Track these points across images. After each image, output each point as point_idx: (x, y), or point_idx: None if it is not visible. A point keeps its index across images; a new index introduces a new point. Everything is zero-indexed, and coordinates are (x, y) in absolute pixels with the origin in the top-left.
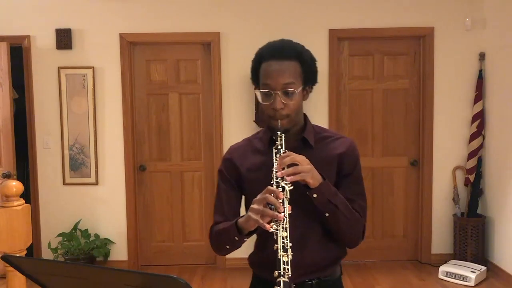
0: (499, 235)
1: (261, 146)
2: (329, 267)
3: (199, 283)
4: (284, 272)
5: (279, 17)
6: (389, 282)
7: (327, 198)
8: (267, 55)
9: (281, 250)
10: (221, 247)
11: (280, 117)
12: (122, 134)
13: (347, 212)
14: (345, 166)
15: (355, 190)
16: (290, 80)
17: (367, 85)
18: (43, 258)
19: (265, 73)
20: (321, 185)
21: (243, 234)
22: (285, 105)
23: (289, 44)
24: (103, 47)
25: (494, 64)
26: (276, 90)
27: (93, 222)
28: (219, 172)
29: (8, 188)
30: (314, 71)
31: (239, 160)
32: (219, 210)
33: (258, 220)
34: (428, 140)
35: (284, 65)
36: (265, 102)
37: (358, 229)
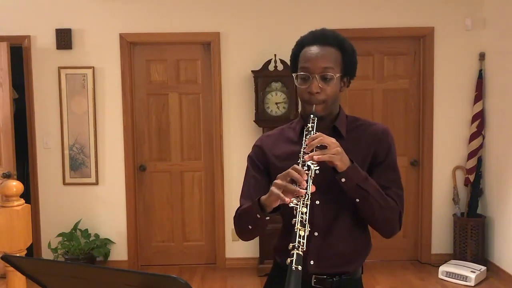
0: (499, 235)
1: (293, 135)
2: (352, 262)
3: (199, 283)
4: (299, 245)
5: (279, 17)
6: (389, 282)
7: (356, 183)
8: (309, 40)
9: (299, 223)
10: (243, 228)
11: (315, 102)
12: (122, 134)
13: (380, 198)
14: (379, 153)
15: (390, 177)
16: (329, 64)
17: (367, 85)
18: (43, 258)
19: (305, 56)
20: (349, 168)
21: (266, 212)
22: (322, 89)
23: (331, 32)
24: (103, 47)
25: (494, 64)
26: (314, 74)
27: (93, 222)
28: (248, 158)
29: (8, 188)
30: (354, 62)
31: (269, 148)
32: (246, 194)
33: (280, 194)
34: (428, 140)
35: (325, 50)
36: (302, 86)
37: (394, 216)
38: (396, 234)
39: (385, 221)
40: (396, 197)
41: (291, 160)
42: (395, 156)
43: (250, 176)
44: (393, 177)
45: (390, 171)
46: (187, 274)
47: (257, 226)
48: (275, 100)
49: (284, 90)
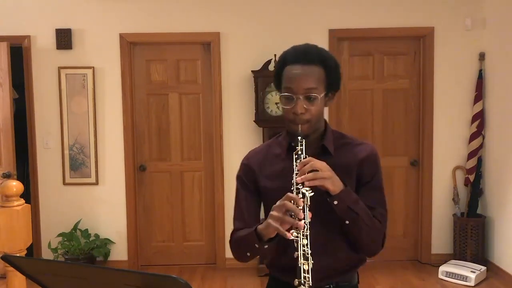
0: (499, 235)
1: (280, 151)
2: (347, 272)
3: (199, 283)
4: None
5: (279, 17)
6: (389, 282)
7: (348, 205)
8: (291, 58)
9: (302, 258)
10: (242, 255)
11: (300, 122)
12: (122, 134)
13: (368, 220)
14: (365, 173)
15: (376, 198)
16: (312, 85)
17: (367, 85)
18: (43, 258)
19: (288, 76)
20: (342, 192)
21: (263, 241)
22: (307, 110)
23: (314, 48)
24: (103, 47)
25: (494, 64)
26: (298, 94)
27: (93, 222)
28: (237, 178)
29: (8, 188)
30: (338, 77)
31: (257, 166)
32: (239, 217)
33: (278, 227)
34: (428, 140)
35: (308, 69)
36: (287, 106)
37: (378, 237)
38: (378, 253)
39: (370, 242)
40: (381, 217)
41: (281, 178)
42: (381, 177)
43: (242, 197)
44: (379, 198)
45: (376, 192)
46: (187, 274)
47: (256, 253)
48: (275, 100)
49: None
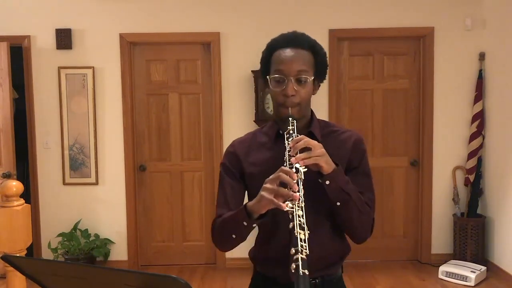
0: (499, 235)
1: (266, 140)
2: (334, 265)
3: (199, 283)
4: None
5: (279, 17)
6: (389, 282)
7: (340, 186)
8: (281, 43)
9: (298, 227)
10: (226, 238)
11: (291, 105)
12: (122, 134)
13: (359, 202)
14: (352, 159)
15: (363, 183)
16: (303, 67)
17: (367, 85)
18: (43, 258)
19: (279, 59)
20: (334, 171)
21: (253, 219)
22: (297, 92)
23: (303, 34)
24: (103, 47)
25: (494, 64)
26: (289, 76)
27: (93, 222)
28: (222, 165)
29: (8, 188)
30: (325, 64)
31: (243, 154)
32: (223, 204)
33: (273, 199)
34: (428, 140)
35: (299, 52)
36: (277, 89)
37: (368, 221)
38: (366, 239)
39: (360, 226)
40: (369, 202)
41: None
42: (368, 162)
43: (226, 184)
44: (367, 183)
45: (363, 177)
46: (187, 274)
47: (242, 234)
48: None
49: None
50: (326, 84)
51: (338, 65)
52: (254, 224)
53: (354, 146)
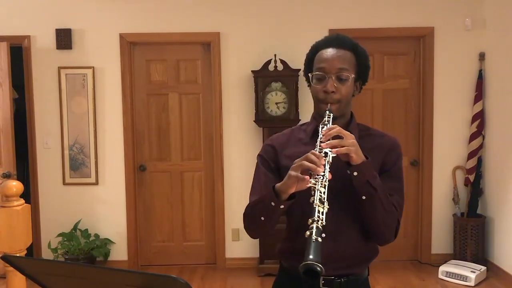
0: (499, 235)
1: (304, 136)
2: (360, 264)
3: (199, 283)
4: (318, 219)
5: (279, 17)
6: (389, 282)
7: (367, 179)
8: (324, 44)
9: (317, 200)
10: (255, 221)
11: (331, 101)
12: (122, 134)
13: (385, 200)
14: (387, 162)
15: (394, 186)
16: (344, 65)
17: (367, 85)
18: (43, 258)
19: (321, 57)
20: (363, 163)
21: (281, 199)
22: (337, 89)
23: (345, 36)
24: (103, 47)
25: (494, 64)
26: (330, 73)
27: (93, 222)
28: (259, 156)
29: (8, 188)
30: (367, 66)
31: (280, 147)
32: (257, 191)
33: (298, 174)
34: (428, 140)
35: (340, 52)
36: (318, 86)
37: (392, 222)
38: (390, 242)
39: (384, 225)
40: (396, 204)
41: None
42: (402, 168)
43: (261, 173)
44: (397, 186)
45: (395, 180)
46: (187, 274)
47: (270, 217)
48: (275, 100)
49: (284, 90)
50: None
51: None
52: (282, 205)
53: (390, 149)
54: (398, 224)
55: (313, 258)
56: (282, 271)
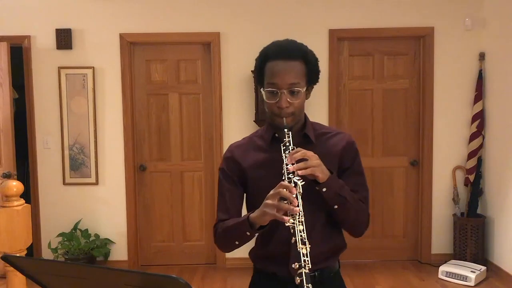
0: (499, 235)
1: (262, 143)
2: (329, 259)
3: (199, 283)
4: (305, 264)
5: (279, 17)
6: (389, 282)
7: (336, 191)
8: (273, 54)
9: (300, 243)
10: (229, 244)
11: (285, 115)
12: (122, 134)
13: (354, 202)
14: (345, 159)
15: (357, 181)
16: (296, 80)
17: (367, 85)
18: (43, 258)
19: (271, 72)
20: (329, 179)
21: (255, 229)
22: (290, 103)
23: (294, 44)
24: (103, 47)
25: (494, 64)
26: (282, 89)
27: (93, 222)
28: (220, 170)
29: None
30: (317, 71)
31: (240, 157)
32: (223, 208)
33: (276, 215)
34: (428, 140)
35: (291, 65)
36: (271, 101)
37: (364, 218)
38: (364, 233)
39: (358, 222)
40: (364, 199)
41: (265, 168)
42: (360, 161)
43: (225, 189)
44: (360, 181)
45: (357, 176)
46: (187, 274)
47: (244, 241)
48: None
49: None
50: (326, 84)
51: (338, 65)
52: (257, 233)
53: (346, 147)
54: (368, 217)
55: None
56: (256, 272)
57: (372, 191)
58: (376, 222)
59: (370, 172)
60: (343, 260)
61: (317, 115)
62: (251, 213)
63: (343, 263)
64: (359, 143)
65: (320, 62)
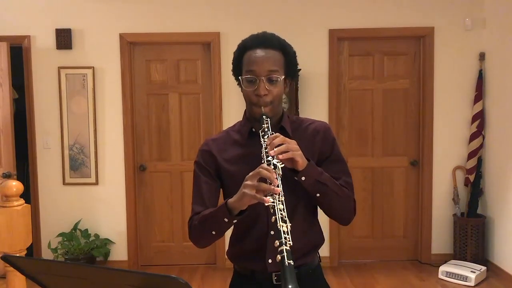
0: (499, 235)
1: (239, 138)
2: (308, 254)
3: (199, 283)
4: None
5: (279, 17)
6: (389, 282)
7: (315, 179)
8: (252, 44)
9: (280, 220)
10: (205, 235)
11: (263, 104)
12: (122, 134)
13: (337, 189)
14: (323, 148)
15: (338, 168)
16: (274, 67)
17: (367, 85)
18: (43, 258)
19: (250, 60)
20: (308, 166)
21: (233, 215)
22: (269, 91)
23: (272, 35)
24: (103, 47)
25: (494, 64)
26: (260, 76)
27: (93, 222)
28: (196, 163)
29: (8, 188)
30: (295, 63)
31: (217, 152)
32: (199, 201)
33: (255, 195)
34: (428, 140)
35: (269, 53)
36: (249, 89)
37: (350, 204)
38: (352, 220)
39: (343, 209)
40: (347, 185)
41: (241, 163)
42: (339, 148)
43: (201, 182)
44: (341, 168)
45: (337, 163)
46: (187, 274)
47: (222, 230)
48: None
49: None
50: (326, 84)
51: (338, 65)
52: (235, 220)
53: (323, 136)
54: (354, 202)
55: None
56: (235, 273)
57: (372, 191)
58: (376, 222)
59: (370, 172)
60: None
61: (317, 115)
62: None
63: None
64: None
65: (320, 62)
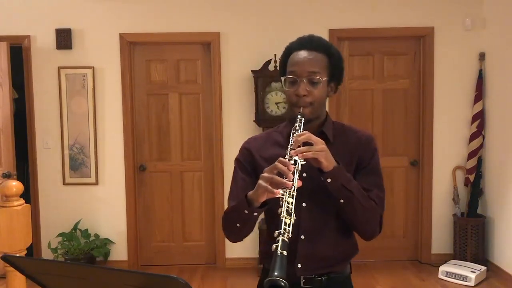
0: (499, 235)
1: (280, 139)
2: (339, 263)
3: (199, 283)
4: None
5: (279, 17)
6: (389, 282)
7: (341, 183)
8: (297, 46)
9: (285, 212)
10: (232, 227)
11: (303, 104)
12: (122, 134)
13: (363, 199)
14: (363, 157)
15: (372, 181)
16: (316, 69)
17: (367, 85)
18: (43, 258)
19: (293, 61)
20: (335, 169)
21: (253, 207)
22: (309, 92)
23: (319, 38)
24: (103, 47)
25: (494, 64)
26: (301, 77)
27: (93, 222)
28: (236, 160)
29: (8, 188)
30: (341, 67)
31: (256, 150)
32: (234, 196)
33: (267, 186)
34: (428, 140)
35: (312, 54)
36: (290, 89)
37: (375, 218)
38: (376, 236)
39: (367, 222)
40: (377, 199)
41: None
42: (379, 161)
43: (239, 178)
44: (376, 181)
45: (373, 175)
46: (187, 274)
47: (245, 223)
48: (275, 100)
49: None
50: None
51: None
52: (255, 213)
53: (364, 145)
54: (381, 218)
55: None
56: (263, 272)
57: None
58: None
59: None
60: None
61: None
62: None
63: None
64: None
65: None
